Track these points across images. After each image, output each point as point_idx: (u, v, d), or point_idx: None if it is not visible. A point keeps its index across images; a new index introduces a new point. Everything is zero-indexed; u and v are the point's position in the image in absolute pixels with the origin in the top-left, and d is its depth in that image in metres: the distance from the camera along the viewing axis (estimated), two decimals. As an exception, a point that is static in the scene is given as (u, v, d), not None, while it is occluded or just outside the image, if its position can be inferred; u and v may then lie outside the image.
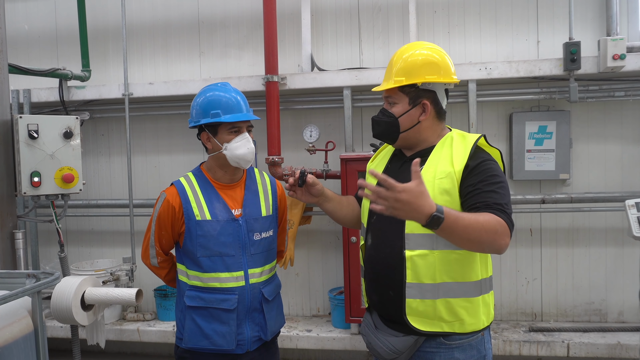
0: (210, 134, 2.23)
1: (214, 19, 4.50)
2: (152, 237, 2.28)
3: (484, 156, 1.90)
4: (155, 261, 2.33)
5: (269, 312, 2.32)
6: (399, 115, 1.96)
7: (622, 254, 4.03)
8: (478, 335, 1.93)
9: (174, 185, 2.28)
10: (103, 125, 4.74)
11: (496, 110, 4.13)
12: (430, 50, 1.98)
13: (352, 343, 3.95)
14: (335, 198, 2.26)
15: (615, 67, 3.57)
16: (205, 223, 2.20)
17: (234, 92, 2.27)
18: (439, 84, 1.96)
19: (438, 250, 1.85)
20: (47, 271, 1.94)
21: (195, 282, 2.24)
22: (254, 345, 2.28)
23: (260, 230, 2.30)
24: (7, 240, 3.01)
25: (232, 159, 2.22)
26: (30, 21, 4.81)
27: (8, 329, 1.75)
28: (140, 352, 4.71)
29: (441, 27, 4.18)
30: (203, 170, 2.34)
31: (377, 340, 1.99)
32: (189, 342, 2.24)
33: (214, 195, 2.27)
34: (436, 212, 1.59)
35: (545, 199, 3.91)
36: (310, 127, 4.04)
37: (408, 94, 1.95)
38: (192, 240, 2.21)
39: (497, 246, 1.71)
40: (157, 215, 2.26)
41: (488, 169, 1.84)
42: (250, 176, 2.39)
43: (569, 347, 3.71)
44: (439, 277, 1.85)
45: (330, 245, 4.39)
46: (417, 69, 1.93)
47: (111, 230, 4.74)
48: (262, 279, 2.30)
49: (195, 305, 2.23)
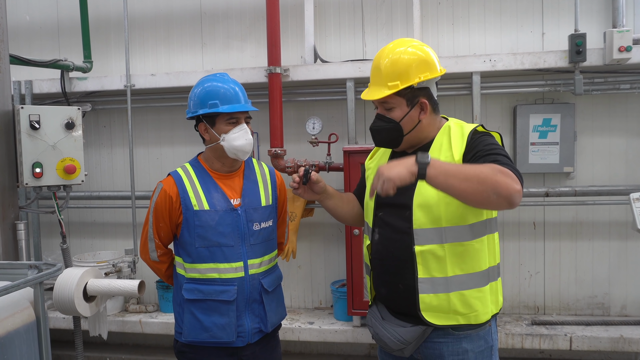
0: (208, 125, 2.21)
1: (217, 10, 4.48)
2: (151, 230, 2.25)
3: (480, 134, 1.90)
4: (154, 255, 2.29)
5: (269, 303, 2.30)
6: (399, 119, 1.93)
7: (625, 248, 4.02)
8: (485, 326, 1.93)
9: (171, 176, 2.25)
10: (105, 116, 4.73)
11: (500, 102, 4.10)
12: (415, 47, 1.94)
13: (354, 335, 3.95)
14: (336, 195, 2.26)
15: (621, 60, 3.54)
16: (203, 213, 2.18)
17: (232, 83, 2.25)
18: (431, 80, 1.94)
19: (447, 244, 1.85)
20: (49, 262, 1.93)
21: (194, 274, 2.21)
22: (254, 337, 2.26)
23: (259, 220, 2.27)
24: (9, 232, 3.01)
25: (229, 150, 2.20)
26: (31, 12, 4.79)
27: (10, 319, 1.75)
28: (142, 343, 4.72)
29: (445, 19, 4.15)
30: (200, 160, 2.32)
31: (384, 331, 1.99)
32: (188, 336, 2.22)
33: (212, 185, 2.24)
34: (419, 158, 1.64)
35: (549, 192, 3.89)
36: (313, 119, 4.02)
37: (405, 96, 1.92)
38: (190, 231, 2.19)
39: (505, 189, 1.57)
40: (155, 206, 2.22)
41: (483, 141, 1.85)
42: (248, 166, 2.36)
43: (571, 340, 3.70)
44: (451, 270, 1.86)
45: (333, 238, 4.38)
46: (410, 69, 1.89)
47: (113, 221, 4.74)
48: (261, 270, 2.28)
49: (193, 298, 2.20)
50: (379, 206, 2.02)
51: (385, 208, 2.00)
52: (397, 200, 1.93)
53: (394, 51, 1.94)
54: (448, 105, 4.11)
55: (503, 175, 1.60)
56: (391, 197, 1.89)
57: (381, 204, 2.01)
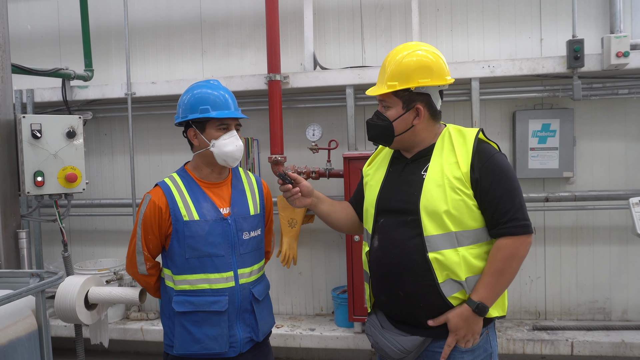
0: (198, 131, 2.20)
1: (217, 18, 4.50)
2: (139, 243, 2.19)
3: (486, 149, 1.92)
4: (143, 268, 2.22)
5: (259, 312, 2.27)
6: (393, 119, 1.96)
7: (626, 252, 4.02)
8: (483, 334, 1.93)
9: (159, 186, 2.21)
10: (106, 124, 4.75)
11: (499, 108, 4.12)
12: (424, 52, 1.96)
13: (355, 342, 3.94)
14: (328, 201, 2.26)
15: (619, 65, 3.56)
16: (194, 223, 2.14)
17: (222, 90, 2.23)
18: (433, 87, 1.95)
19: (461, 247, 1.87)
20: (51, 270, 1.94)
21: (183, 285, 2.17)
22: (246, 347, 2.23)
23: (249, 229, 2.25)
24: (11, 240, 3.02)
25: (219, 156, 2.18)
26: (33, 21, 4.82)
27: (12, 328, 1.76)
28: (143, 351, 4.72)
29: (444, 25, 4.17)
30: (188, 170, 2.29)
31: (384, 340, 1.98)
32: (180, 349, 2.18)
33: (201, 194, 2.21)
34: (475, 309, 1.86)
35: (549, 197, 3.89)
36: (313, 126, 4.03)
37: (402, 98, 1.94)
38: (179, 242, 2.15)
39: (523, 257, 1.91)
40: (143, 218, 2.16)
41: (495, 167, 1.89)
42: (235, 175, 2.35)
43: (572, 345, 3.70)
44: (466, 273, 1.87)
45: (334, 244, 4.38)
46: (410, 73, 1.91)
47: (114, 229, 4.74)
48: (251, 279, 2.26)
49: (184, 310, 2.16)
50: (380, 212, 2.03)
51: (387, 214, 2.00)
52: (400, 206, 1.94)
53: (402, 52, 1.97)
54: (447, 111, 4.12)
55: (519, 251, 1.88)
56: (394, 203, 1.90)
57: (382, 210, 2.02)
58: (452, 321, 1.87)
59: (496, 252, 1.87)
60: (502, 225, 1.86)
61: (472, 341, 1.90)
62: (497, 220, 1.87)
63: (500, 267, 1.86)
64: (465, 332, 1.87)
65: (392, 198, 2.00)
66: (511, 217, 1.86)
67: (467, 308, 1.86)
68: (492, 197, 1.86)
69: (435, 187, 1.88)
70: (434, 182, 1.89)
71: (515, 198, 1.88)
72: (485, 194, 1.86)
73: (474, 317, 1.86)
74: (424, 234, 1.87)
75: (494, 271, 1.86)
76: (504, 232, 1.86)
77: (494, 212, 1.87)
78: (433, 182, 1.89)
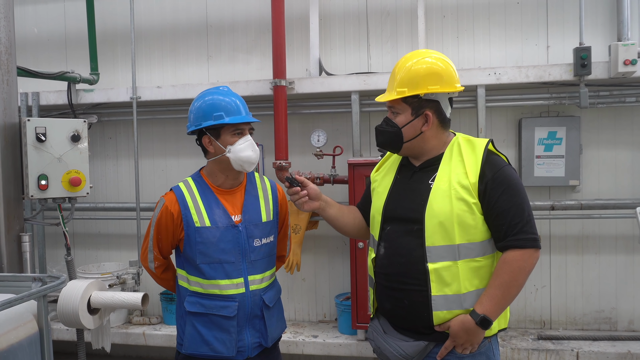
0: (212, 137, 2.20)
1: (222, 23, 4.51)
2: (151, 242, 2.26)
3: (496, 161, 1.91)
4: (152, 266, 2.30)
5: (269, 318, 2.29)
6: (402, 126, 1.95)
7: (632, 262, 3.98)
8: (485, 342, 1.91)
9: (173, 192, 2.24)
10: (111, 128, 4.75)
11: (505, 115, 4.10)
12: (434, 59, 1.96)
13: (358, 349, 3.92)
14: (336, 205, 2.27)
15: (626, 73, 3.54)
16: (205, 230, 2.17)
17: (233, 96, 2.24)
18: (442, 94, 1.94)
19: (461, 261, 1.85)
20: (53, 275, 1.93)
21: (196, 288, 2.21)
22: (254, 352, 2.25)
23: (260, 237, 2.26)
24: (14, 243, 3.01)
25: (235, 162, 2.18)
26: (39, 24, 4.83)
27: (13, 332, 1.75)
28: (145, 355, 4.70)
29: (450, 32, 4.16)
30: (203, 175, 2.30)
31: (386, 345, 1.98)
32: (188, 348, 2.22)
33: (214, 201, 2.23)
34: (478, 322, 1.83)
35: (555, 206, 3.87)
36: (318, 132, 4.02)
37: (411, 105, 1.94)
38: (191, 247, 2.19)
39: (530, 271, 1.87)
40: (157, 221, 2.23)
41: (504, 180, 1.87)
42: (250, 180, 2.35)
43: (578, 355, 3.66)
44: (464, 287, 1.86)
45: (337, 251, 4.36)
46: (420, 79, 1.91)
47: (118, 233, 4.74)
48: (262, 286, 2.27)
49: (195, 311, 2.21)
50: (387, 220, 2.01)
51: (393, 222, 1.99)
52: (407, 214, 1.92)
53: (412, 60, 1.97)
54: (453, 118, 4.03)
55: (528, 267, 1.85)
56: (400, 211, 1.89)
57: (389, 218, 2.00)
58: (453, 328, 1.86)
59: (503, 265, 1.85)
60: (510, 238, 1.84)
61: (470, 349, 1.88)
62: (505, 233, 1.85)
63: (507, 279, 1.84)
64: (464, 341, 1.86)
65: (399, 206, 1.99)
66: (520, 229, 1.84)
67: (469, 319, 1.84)
68: (501, 209, 1.84)
69: (441, 197, 1.87)
70: (441, 192, 1.88)
71: (524, 212, 1.86)
72: (494, 206, 1.85)
73: (476, 329, 1.84)
74: (426, 244, 1.87)
75: (500, 283, 1.84)
76: (512, 244, 1.84)
77: (503, 224, 1.85)
78: (440, 191, 1.88)
